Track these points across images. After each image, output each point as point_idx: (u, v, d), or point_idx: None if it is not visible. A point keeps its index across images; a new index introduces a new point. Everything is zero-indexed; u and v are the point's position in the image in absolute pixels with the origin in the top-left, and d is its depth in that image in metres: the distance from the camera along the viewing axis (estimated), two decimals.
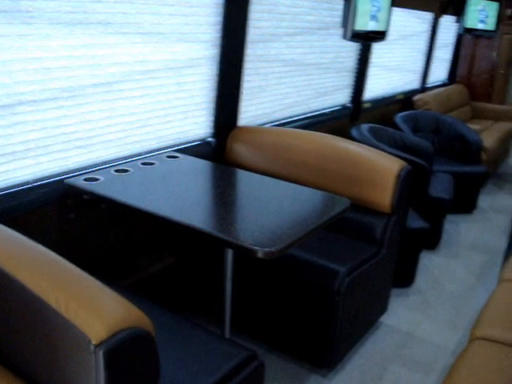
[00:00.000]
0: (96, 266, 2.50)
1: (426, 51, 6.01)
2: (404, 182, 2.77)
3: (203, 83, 2.94)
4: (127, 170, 2.46)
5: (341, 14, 3.78)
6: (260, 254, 1.83)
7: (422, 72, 6.13)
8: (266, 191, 2.56)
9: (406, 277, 3.56)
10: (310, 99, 4.11)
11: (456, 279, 3.74)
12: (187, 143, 2.97)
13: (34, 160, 2.20)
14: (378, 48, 4.76)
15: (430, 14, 5.70)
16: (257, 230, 2.02)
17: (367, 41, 4.08)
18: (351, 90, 4.68)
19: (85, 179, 2.30)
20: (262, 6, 3.20)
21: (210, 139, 3.13)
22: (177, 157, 2.75)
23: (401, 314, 3.22)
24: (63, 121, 2.25)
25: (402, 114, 5.23)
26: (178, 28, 2.65)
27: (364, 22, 3.65)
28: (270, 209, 2.29)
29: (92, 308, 1.24)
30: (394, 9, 4.24)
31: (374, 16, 3.72)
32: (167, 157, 2.73)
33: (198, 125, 3.02)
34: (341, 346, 2.59)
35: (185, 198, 2.33)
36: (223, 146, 3.18)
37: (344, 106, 4.63)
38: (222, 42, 2.92)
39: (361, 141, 3.75)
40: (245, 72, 3.19)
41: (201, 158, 2.87)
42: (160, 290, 2.80)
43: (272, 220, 2.16)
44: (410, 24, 5.41)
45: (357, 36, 3.79)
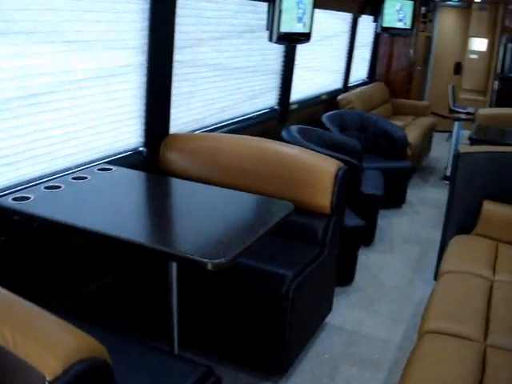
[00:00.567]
0: (32, 290, 2.35)
1: (347, 51, 6.13)
2: (342, 182, 2.78)
3: (132, 91, 2.84)
4: (59, 187, 2.32)
5: (265, 16, 3.79)
6: (210, 266, 1.76)
7: (343, 72, 6.24)
8: (204, 199, 2.50)
9: (345, 275, 3.58)
10: (239, 103, 4.07)
11: (393, 274, 3.81)
12: (119, 154, 2.86)
13: None
14: (301, 49, 4.79)
15: (350, 14, 5.81)
16: (203, 240, 1.96)
17: (293, 43, 4.11)
18: (278, 93, 4.68)
19: (13, 199, 2.15)
20: (188, 10, 3.13)
21: (141, 148, 3.02)
22: (109, 169, 2.63)
23: (344, 312, 3.23)
24: None
25: (328, 113, 5.30)
26: (103, 35, 2.54)
27: (290, 24, 3.65)
28: (213, 217, 2.23)
29: (42, 340, 1.13)
30: (315, 10, 4.28)
31: (301, 18, 3.74)
32: (99, 169, 2.60)
33: (129, 134, 2.91)
34: (291, 351, 2.56)
35: (120, 212, 2.23)
36: (156, 154, 3.08)
37: (272, 109, 4.63)
38: (150, 48, 2.83)
39: (292, 142, 3.75)
40: (174, 78, 3.10)
41: (134, 168, 2.76)
42: (102, 310, 2.67)
43: (217, 229, 2.10)
44: (330, 25, 5.50)
45: (283, 38, 3.80)
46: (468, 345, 2.04)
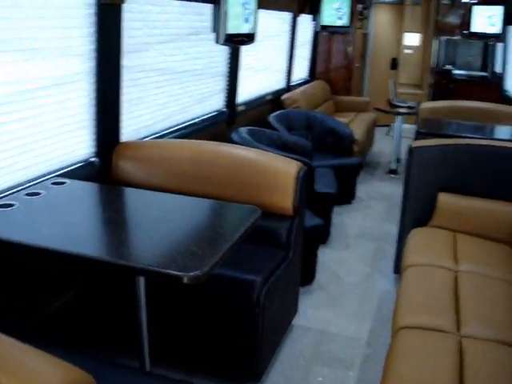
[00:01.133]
0: None
1: (288, 51, 6.15)
2: (303, 182, 2.76)
3: (82, 100, 2.72)
4: (11, 205, 2.19)
5: (210, 18, 3.73)
6: (186, 280, 1.69)
7: (286, 71, 6.26)
8: (166, 209, 2.42)
9: (307, 275, 3.57)
10: (188, 107, 4.00)
11: (352, 270, 3.84)
12: (71, 166, 2.73)
13: None
14: (245, 50, 4.75)
15: (290, 13, 5.83)
16: (174, 252, 1.87)
17: (239, 44, 4.07)
18: (225, 95, 4.63)
19: None
20: (134, 14, 3.03)
21: (93, 159, 2.90)
22: (63, 182, 2.51)
23: (310, 312, 3.22)
24: None
25: (274, 114, 5.29)
26: (49, 42, 2.41)
27: (237, 25, 3.61)
28: (180, 227, 2.16)
29: (27, 379, 1.04)
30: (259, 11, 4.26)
31: (247, 19, 3.71)
32: (53, 183, 2.48)
33: (81, 144, 2.79)
34: (264, 356, 2.52)
35: (80, 228, 2.12)
36: (108, 164, 2.97)
37: (220, 111, 4.57)
38: (98, 55, 2.72)
39: (243, 144, 3.70)
40: (123, 84, 3.00)
41: (87, 180, 2.65)
42: (68, 329, 2.54)
43: (186, 239, 2.03)
44: (271, 25, 5.49)
45: (230, 40, 3.76)
46: (443, 337, 2.07)
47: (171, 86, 3.69)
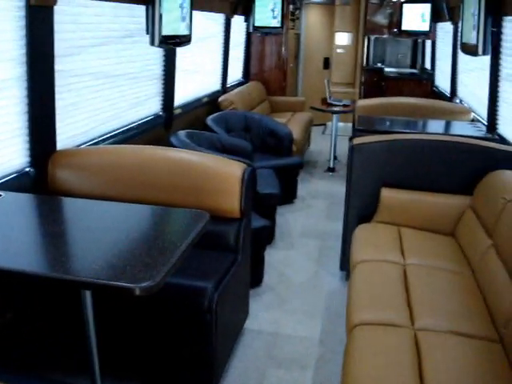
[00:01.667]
0: None
1: (223, 52, 6.11)
2: (248, 184, 2.73)
3: (13, 107, 2.58)
4: None
5: (144, 20, 3.64)
6: (138, 292, 1.62)
7: (221, 73, 6.22)
8: (109, 218, 2.33)
9: (255, 277, 3.53)
10: (124, 111, 3.88)
11: (299, 269, 3.84)
12: (4, 177, 2.58)
13: None
14: (181, 52, 4.68)
15: (223, 15, 5.79)
16: (122, 263, 1.78)
17: (175, 45, 4.00)
18: (162, 98, 4.54)
19: None
20: (66, 16, 2.91)
21: (28, 169, 2.76)
22: None
23: (260, 315, 3.19)
24: None
25: (212, 116, 5.24)
26: None
27: (173, 27, 3.54)
28: (126, 236, 2.07)
29: None
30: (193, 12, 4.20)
31: (184, 19, 3.64)
32: None
33: (14, 154, 2.65)
34: (219, 363, 2.47)
35: (16, 242, 1.99)
36: (44, 174, 2.83)
37: (157, 115, 4.48)
38: (29, 59, 2.59)
39: (183, 148, 3.64)
40: (57, 90, 2.87)
41: (23, 191, 2.52)
42: (9, 353, 2.40)
43: (134, 249, 1.94)
44: (206, 26, 5.44)
45: (165, 41, 3.68)
46: (398, 332, 2.08)
47: (107, 90, 3.57)
